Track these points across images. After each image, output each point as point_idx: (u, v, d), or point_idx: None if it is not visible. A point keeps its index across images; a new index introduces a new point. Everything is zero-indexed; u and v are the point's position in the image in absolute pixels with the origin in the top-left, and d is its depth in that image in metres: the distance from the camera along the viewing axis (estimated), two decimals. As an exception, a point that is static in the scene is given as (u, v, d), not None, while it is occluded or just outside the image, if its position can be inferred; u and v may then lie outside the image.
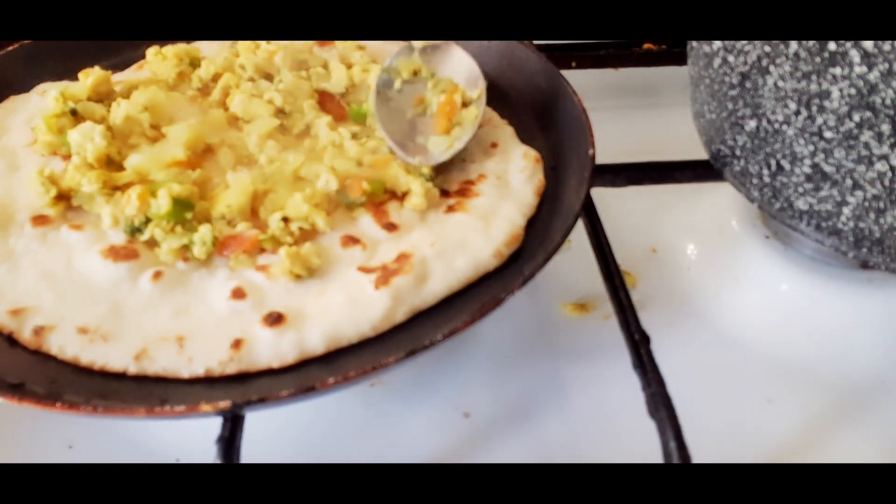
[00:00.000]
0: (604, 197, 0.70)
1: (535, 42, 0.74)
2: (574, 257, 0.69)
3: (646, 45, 0.97)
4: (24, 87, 0.71)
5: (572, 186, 0.59)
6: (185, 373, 0.48)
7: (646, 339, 0.55)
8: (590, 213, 0.66)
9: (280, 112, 0.66)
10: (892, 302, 0.67)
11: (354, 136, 0.64)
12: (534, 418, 0.59)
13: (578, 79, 0.71)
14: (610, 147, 0.66)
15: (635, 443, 0.53)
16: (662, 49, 0.96)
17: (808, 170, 0.55)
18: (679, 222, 0.77)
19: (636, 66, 0.96)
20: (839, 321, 0.67)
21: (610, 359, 0.61)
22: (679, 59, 0.68)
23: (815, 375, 0.63)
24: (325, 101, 0.69)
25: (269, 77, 0.70)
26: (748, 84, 0.56)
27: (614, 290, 0.59)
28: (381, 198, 0.60)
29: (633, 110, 0.95)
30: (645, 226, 0.76)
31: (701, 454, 0.48)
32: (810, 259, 0.69)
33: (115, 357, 0.49)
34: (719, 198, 0.76)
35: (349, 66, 0.72)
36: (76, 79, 0.68)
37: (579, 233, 0.64)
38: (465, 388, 0.62)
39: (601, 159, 0.62)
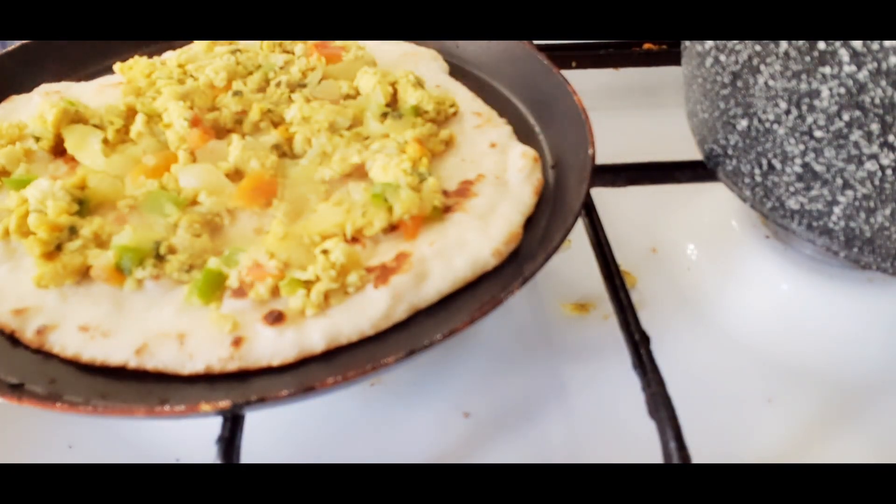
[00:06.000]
0: (604, 197, 0.70)
1: (535, 42, 0.74)
2: (574, 257, 0.69)
3: (646, 45, 0.97)
4: (25, 86, 0.71)
5: (572, 186, 0.59)
6: (186, 369, 0.48)
7: (646, 339, 0.55)
8: (590, 213, 0.66)
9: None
10: (892, 302, 0.67)
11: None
12: (534, 418, 0.59)
13: (578, 79, 0.71)
14: (610, 147, 0.66)
15: (635, 443, 0.53)
16: (662, 49, 0.96)
17: (798, 169, 0.55)
18: (679, 222, 0.77)
19: (636, 66, 0.96)
20: (839, 321, 0.67)
21: (610, 359, 0.61)
22: (679, 59, 0.68)
23: (814, 375, 0.63)
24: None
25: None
26: (739, 83, 0.56)
27: (614, 290, 0.59)
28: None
29: (633, 110, 0.95)
30: (645, 226, 0.76)
31: (701, 454, 0.48)
32: (810, 259, 0.69)
33: (115, 351, 0.49)
34: (719, 198, 0.76)
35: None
36: (76, 79, 0.69)
37: (579, 232, 0.64)
38: (465, 388, 0.62)
39: (601, 159, 0.62)
